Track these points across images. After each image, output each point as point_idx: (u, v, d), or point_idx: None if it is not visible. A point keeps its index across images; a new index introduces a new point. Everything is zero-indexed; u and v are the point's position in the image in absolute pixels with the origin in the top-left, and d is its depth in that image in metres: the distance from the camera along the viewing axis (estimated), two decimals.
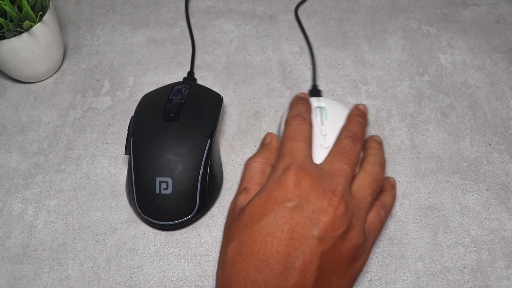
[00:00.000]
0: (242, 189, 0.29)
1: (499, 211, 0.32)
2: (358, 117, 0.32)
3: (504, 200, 0.33)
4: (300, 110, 0.32)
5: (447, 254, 0.30)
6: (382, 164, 0.30)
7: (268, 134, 0.32)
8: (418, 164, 0.35)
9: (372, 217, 0.28)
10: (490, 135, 0.37)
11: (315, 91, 0.38)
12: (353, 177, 0.28)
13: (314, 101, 0.34)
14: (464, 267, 0.30)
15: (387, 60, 0.42)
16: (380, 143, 0.32)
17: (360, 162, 0.30)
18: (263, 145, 0.32)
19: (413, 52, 0.43)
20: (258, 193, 0.26)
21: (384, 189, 0.31)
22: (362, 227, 0.26)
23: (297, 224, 0.24)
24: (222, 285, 0.25)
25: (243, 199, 0.27)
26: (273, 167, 0.28)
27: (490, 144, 0.36)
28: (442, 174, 0.34)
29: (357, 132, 0.30)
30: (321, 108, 0.33)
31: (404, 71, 0.41)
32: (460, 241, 0.31)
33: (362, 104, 0.34)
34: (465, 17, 0.46)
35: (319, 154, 0.30)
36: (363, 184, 0.28)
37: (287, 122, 0.31)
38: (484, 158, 0.35)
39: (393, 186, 0.32)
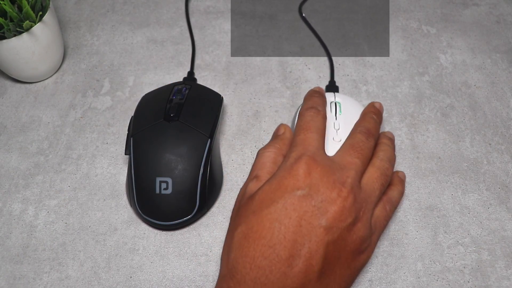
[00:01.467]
0: (253, 176, 0.29)
1: (499, 211, 0.32)
2: (373, 114, 0.32)
3: (504, 200, 0.33)
4: (314, 102, 0.32)
5: (447, 254, 0.30)
6: (391, 159, 0.30)
7: (282, 125, 0.32)
8: (418, 164, 0.35)
9: (378, 211, 0.28)
10: (490, 135, 0.37)
11: (332, 87, 0.39)
12: (363, 172, 0.28)
13: (330, 96, 0.35)
14: (464, 267, 0.30)
15: (387, 60, 0.42)
16: (391, 140, 0.33)
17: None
18: (277, 135, 0.32)
19: (413, 52, 0.43)
20: (268, 180, 0.27)
21: (392, 183, 0.31)
22: (369, 220, 0.27)
23: (305, 213, 0.24)
24: (228, 270, 0.25)
25: (253, 186, 0.28)
26: (285, 157, 0.29)
27: (490, 144, 0.36)
28: (442, 174, 0.34)
29: (371, 129, 0.31)
30: (336, 103, 0.34)
31: (404, 71, 0.41)
32: (460, 241, 0.31)
33: (378, 102, 0.34)
34: (465, 17, 0.46)
35: (331, 147, 0.31)
36: (371, 178, 0.28)
37: (301, 114, 0.31)
38: (484, 158, 0.35)
39: (401, 181, 0.32)
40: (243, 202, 0.27)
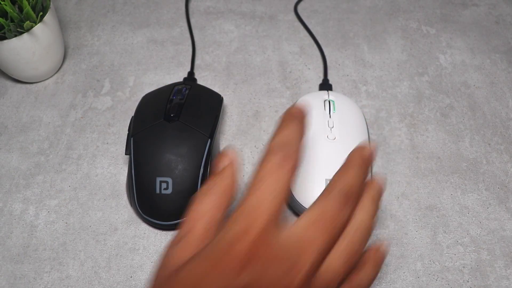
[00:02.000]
0: (181, 235, 0.23)
1: (498, 211, 0.33)
2: (359, 166, 0.24)
3: (503, 200, 0.33)
4: (288, 137, 0.23)
5: (446, 254, 0.31)
6: (366, 234, 0.23)
7: (225, 153, 0.24)
8: (418, 164, 0.35)
9: None
10: (489, 135, 0.37)
11: (325, 85, 0.39)
12: (328, 250, 0.22)
13: (324, 94, 0.35)
14: (464, 267, 0.30)
15: (387, 60, 0.42)
16: (375, 199, 0.24)
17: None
18: (216, 173, 0.24)
19: (412, 52, 0.43)
20: (200, 256, 0.20)
21: (365, 262, 0.24)
22: None
23: None
24: None
25: (180, 253, 0.22)
26: (227, 222, 0.21)
27: (489, 144, 0.36)
28: (442, 174, 0.35)
29: (351, 190, 0.23)
30: (330, 101, 0.34)
31: (404, 71, 0.42)
32: (459, 241, 0.31)
33: (372, 145, 0.25)
34: (464, 18, 0.46)
35: (325, 146, 0.31)
36: (336, 263, 0.22)
37: (264, 156, 0.22)
38: (484, 158, 0.35)
39: (376, 264, 0.25)
40: (166, 274, 0.21)
